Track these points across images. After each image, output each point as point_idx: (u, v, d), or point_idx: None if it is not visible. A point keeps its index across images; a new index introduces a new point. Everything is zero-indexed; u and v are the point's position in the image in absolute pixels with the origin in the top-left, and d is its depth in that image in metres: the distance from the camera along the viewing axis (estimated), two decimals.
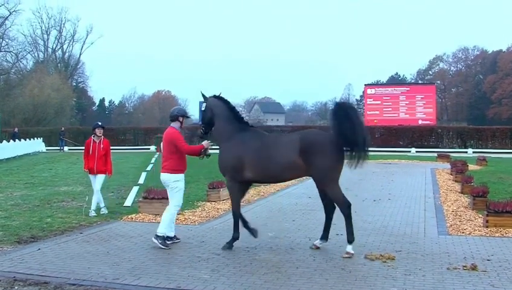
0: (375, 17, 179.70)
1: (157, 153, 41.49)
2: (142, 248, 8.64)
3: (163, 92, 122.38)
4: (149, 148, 49.19)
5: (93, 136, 12.06)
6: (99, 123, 12.38)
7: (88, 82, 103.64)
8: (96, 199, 11.97)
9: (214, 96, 9.16)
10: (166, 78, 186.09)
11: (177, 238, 9.10)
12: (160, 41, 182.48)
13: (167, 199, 9.36)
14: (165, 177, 8.88)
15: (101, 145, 12.00)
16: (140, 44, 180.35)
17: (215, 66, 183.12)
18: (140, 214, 11.72)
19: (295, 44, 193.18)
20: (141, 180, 18.57)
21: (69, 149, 50.20)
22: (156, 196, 11.89)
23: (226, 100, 9.10)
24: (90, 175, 12.07)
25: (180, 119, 9.18)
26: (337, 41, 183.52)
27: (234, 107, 9.16)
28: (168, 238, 8.89)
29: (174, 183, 8.86)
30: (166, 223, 8.81)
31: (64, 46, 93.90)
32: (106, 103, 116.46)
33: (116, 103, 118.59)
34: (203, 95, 9.13)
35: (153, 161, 29.70)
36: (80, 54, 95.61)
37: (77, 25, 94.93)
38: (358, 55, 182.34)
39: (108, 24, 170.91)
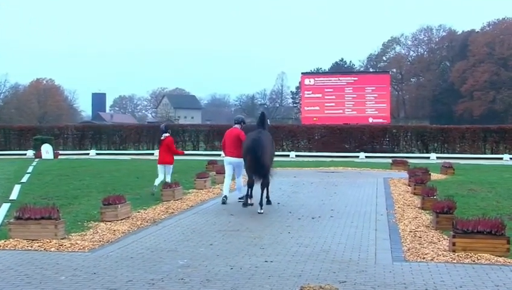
0: None
1: (36, 159, 40.59)
2: (12, 284, 8.40)
3: (44, 82, 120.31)
4: (25, 154, 48.10)
5: None
6: None
7: None
8: None
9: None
10: (48, 65, 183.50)
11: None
12: (44, 22, 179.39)
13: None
14: (239, 160, 16.45)
15: None
16: (15, 21, 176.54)
17: (114, 56, 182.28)
18: (11, 240, 11.38)
19: (216, 33, 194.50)
20: (14, 196, 18.06)
21: None
22: (32, 215, 11.57)
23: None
24: None
25: (242, 124, 17.13)
26: (268, 24, 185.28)
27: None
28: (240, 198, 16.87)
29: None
30: (240, 187, 17.32)
31: None
32: None
33: None
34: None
35: (30, 169, 29.02)
36: None
37: None
38: (294, 39, 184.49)
39: None
